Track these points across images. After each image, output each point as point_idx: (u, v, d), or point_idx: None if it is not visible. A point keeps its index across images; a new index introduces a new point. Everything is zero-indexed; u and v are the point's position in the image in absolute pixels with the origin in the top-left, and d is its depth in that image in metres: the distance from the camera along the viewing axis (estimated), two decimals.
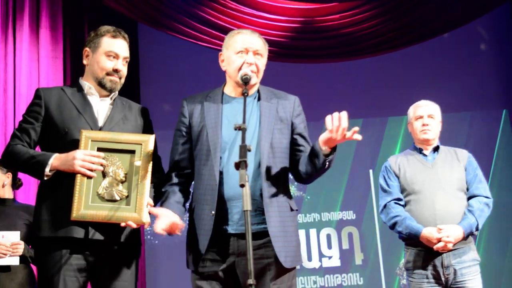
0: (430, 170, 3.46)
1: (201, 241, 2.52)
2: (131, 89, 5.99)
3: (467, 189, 3.45)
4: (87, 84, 2.69)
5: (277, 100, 2.68)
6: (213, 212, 2.50)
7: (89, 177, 2.48)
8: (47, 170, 2.48)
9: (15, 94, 4.62)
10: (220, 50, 2.75)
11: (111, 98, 2.71)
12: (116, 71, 2.67)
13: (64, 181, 2.50)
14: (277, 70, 4.91)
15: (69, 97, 2.65)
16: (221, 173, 2.53)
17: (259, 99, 2.67)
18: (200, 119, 2.63)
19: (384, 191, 3.53)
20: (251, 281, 2.13)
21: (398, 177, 3.50)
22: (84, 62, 2.72)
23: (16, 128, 2.67)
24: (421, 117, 3.56)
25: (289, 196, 2.64)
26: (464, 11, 5.71)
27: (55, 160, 2.48)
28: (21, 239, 3.65)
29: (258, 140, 2.57)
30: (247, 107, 2.58)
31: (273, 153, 2.57)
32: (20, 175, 3.97)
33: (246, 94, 2.53)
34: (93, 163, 2.48)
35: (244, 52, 2.63)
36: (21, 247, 3.62)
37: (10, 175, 3.86)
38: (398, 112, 6.22)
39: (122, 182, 2.51)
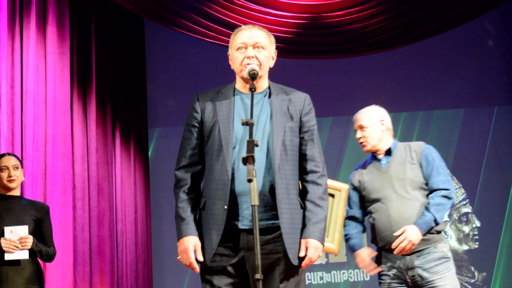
0: (384, 176, 3.37)
1: (212, 235, 2.52)
2: (137, 86, 6.04)
3: (427, 184, 3.34)
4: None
5: (287, 97, 2.68)
6: (225, 207, 2.50)
7: None
8: None
9: (22, 91, 4.63)
10: (226, 46, 2.76)
11: None
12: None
13: None
14: (283, 66, 4.89)
15: None
16: (232, 168, 2.53)
17: (270, 95, 2.68)
18: (213, 115, 2.64)
19: (348, 205, 3.50)
20: (259, 276, 2.14)
21: (358, 190, 3.45)
22: None
23: None
24: (355, 130, 3.49)
25: (299, 194, 2.64)
26: (470, 7, 5.68)
27: None
28: (29, 233, 3.67)
29: (269, 137, 2.57)
30: (257, 103, 2.60)
31: (285, 151, 2.58)
32: (24, 173, 4.00)
33: (253, 90, 2.54)
34: None
35: (243, 47, 2.64)
36: (29, 241, 3.64)
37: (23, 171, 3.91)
38: (410, 108, 6.22)
39: None
